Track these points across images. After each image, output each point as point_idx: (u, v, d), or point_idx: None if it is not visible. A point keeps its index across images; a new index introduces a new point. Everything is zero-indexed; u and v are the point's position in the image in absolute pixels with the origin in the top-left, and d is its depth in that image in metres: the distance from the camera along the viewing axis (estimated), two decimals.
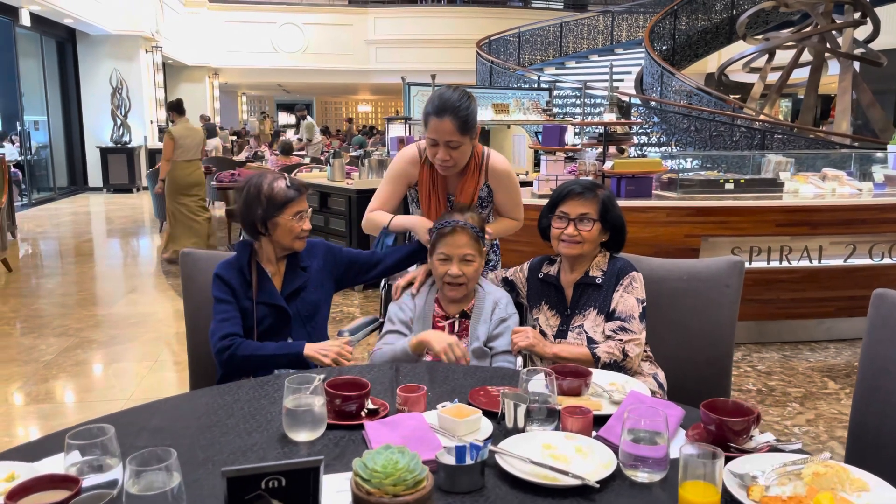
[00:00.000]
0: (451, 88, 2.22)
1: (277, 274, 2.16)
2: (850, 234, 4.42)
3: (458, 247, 2.06)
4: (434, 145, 2.20)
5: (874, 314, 1.70)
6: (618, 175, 4.40)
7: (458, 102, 2.15)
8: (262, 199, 2.08)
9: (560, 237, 2.06)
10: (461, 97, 2.17)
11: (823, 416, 3.40)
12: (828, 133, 9.89)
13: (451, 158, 2.21)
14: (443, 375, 1.75)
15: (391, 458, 1.01)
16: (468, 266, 2.06)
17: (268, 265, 2.16)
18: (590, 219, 2.04)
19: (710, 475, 1.13)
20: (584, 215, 2.05)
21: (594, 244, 2.07)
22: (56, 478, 1.10)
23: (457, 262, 2.05)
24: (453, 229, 2.08)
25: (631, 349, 1.92)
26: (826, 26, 9.81)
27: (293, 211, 2.09)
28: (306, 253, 2.20)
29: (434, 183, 2.33)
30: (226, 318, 2.04)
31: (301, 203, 2.12)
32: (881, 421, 1.65)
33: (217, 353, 2.02)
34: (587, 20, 15.60)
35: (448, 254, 2.06)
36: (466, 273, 2.05)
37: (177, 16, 16.31)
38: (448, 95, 2.17)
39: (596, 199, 2.07)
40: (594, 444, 1.34)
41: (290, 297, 2.14)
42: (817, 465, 1.21)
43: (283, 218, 2.09)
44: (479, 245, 2.09)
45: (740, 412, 1.36)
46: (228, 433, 1.42)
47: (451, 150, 2.19)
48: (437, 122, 2.16)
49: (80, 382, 3.85)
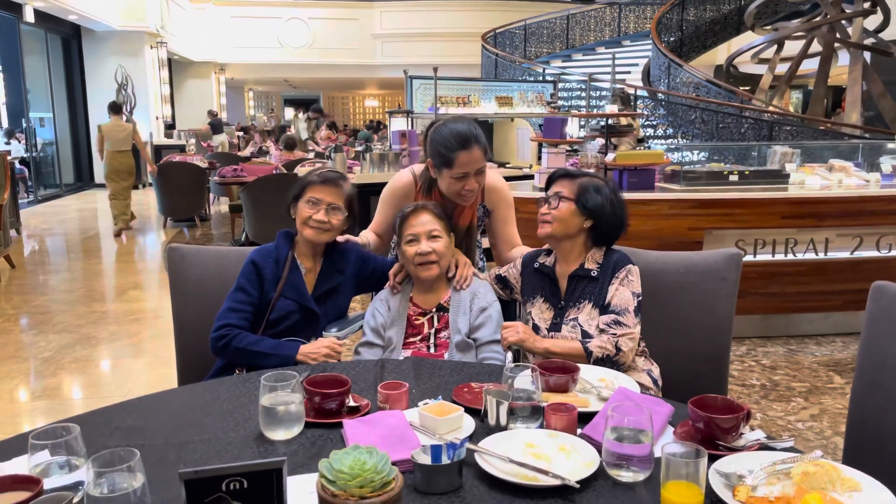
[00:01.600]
0: (454, 121, 2.21)
1: (312, 272, 2.14)
2: (857, 225, 4.35)
3: (422, 224, 2.07)
4: (462, 178, 2.18)
5: (873, 307, 1.65)
6: (620, 167, 4.34)
7: (475, 130, 2.18)
8: (297, 183, 2.16)
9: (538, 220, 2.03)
10: (470, 124, 2.20)
11: (828, 412, 3.34)
12: (836, 124, 9.77)
13: (479, 185, 2.23)
14: (428, 372, 1.71)
15: (358, 459, 0.98)
16: (436, 242, 2.05)
17: (304, 261, 2.13)
18: (562, 197, 2.01)
19: (693, 475, 1.09)
20: (556, 194, 2.02)
21: (565, 224, 2.00)
22: (18, 478, 1.08)
23: (424, 239, 2.05)
24: (414, 209, 2.11)
25: (624, 343, 1.87)
26: (836, 16, 9.68)
27: (309, 195, 2.09)
28: (343, 256, 2.18)
29: None
30: (236, 308, 2.01)
31: (321, 191, 2.10)
32: (881, 418, 1.60)
33: (213, 340, 1.99)
34: (594, 12, 15.48)
35: (415, 234, 2.06)
36: (436, 249, 2.04)
37: (183, 12, 16.32)
38: (463, 128, 2.17)
39: (575, 182, 2.05)
40: (578, 443, 1.30)
41: (322, 297, 2.12)
42: (807, 465, 1.16)
43: (301, 202, 2.10)
44: (443, 223, 2.10)
45: (729, 409, 1.32)
46: (204, 432, 1.39)
47: (479, 177, 2.21)
48: (467, 155, 2.15)
49: (76, 379, 3.83)
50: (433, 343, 2.06)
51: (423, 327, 2.07)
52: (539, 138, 5.17)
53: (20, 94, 11.64)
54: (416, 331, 2.07)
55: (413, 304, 2.11)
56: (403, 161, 5.85)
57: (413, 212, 2.10)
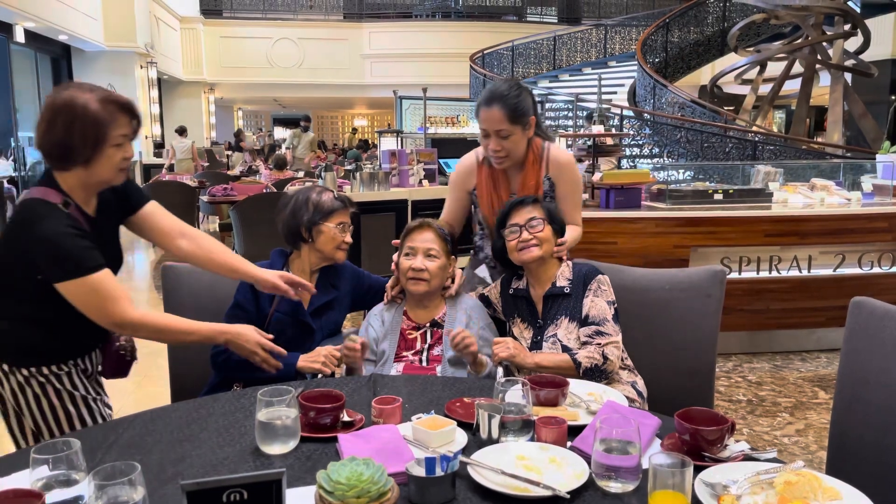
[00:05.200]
0: (503, 80, 2.26)
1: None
2: (839, 243, 4.43)
3: (422, 241, 2.10)
4: (486, 136, 2.23)
5: (852, 322, 1.70)
6: (607, 186, 4.41)
7: (507, 91, 2.19)
8: (310, 206, 2.16)
9: (517, 247, 2.08)
10: (511, 87, 2.22)
11: (813, 426, 3.39)
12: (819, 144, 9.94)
13: (502, 149, 2.24)
14: (420, 387, 1.75)
15: (355, 471, 1.01)
16: (431, 262, 2.08)
17: (300, 276, 2.16)
18: (538, 219, 2.08)
19: (679, 484, 1.13)
20: (532, 218, 2.08)
21: (550, 243, 2.08)
22: (20, 492, 1.10)
23: (421, 256, 2.08)
24: (420, 224, 2.14)
25: (610, 352, 1.93)
26: (817, 38, 9.87)
27: (337, 220, 2.15)
28: (338, 272, 2.23)
29: (495, 182, 2.35)
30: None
31: (345, 215, 2.18)
32: (861, 431, 1.64)
33: (213, 356, 2.04)
34: (580, 34, 15.68)
35: (413, 248, 2.10)
36: (429, 268, 2.07)
37: (172, 32, 16.39)
38: (498, 86, 2.22)
39: (538, 205, 2.12)
40: (568, 455, 1.33)
41: (317, 312, 2.16)
42: (789, 474, 1.20)
43: (327, 226, 2.14)
44: (444, 244, 2.13)
45: (714, 421, 1.36)
46: (200, 447, 1.41)
47: (501, 140, 2.22)
48: (486, 112, 2.20)
49: None
50: (426, 357, 2.09)
51: (415, 342, 2.11)
52: None
53: (9, 113, 11.63)
54: (409, 345, 2.11)
55: (407, 318, 2.14)
56: (393, 180, 5.90)
57: (418, 227, 2.14)
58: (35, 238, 1.66)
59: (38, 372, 1.76)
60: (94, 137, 1.69)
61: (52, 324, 1.76)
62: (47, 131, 1.69)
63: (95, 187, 1.80)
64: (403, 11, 18.90)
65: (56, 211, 1.69)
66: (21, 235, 1.70)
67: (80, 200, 1.76)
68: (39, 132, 1.70)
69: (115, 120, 1.72)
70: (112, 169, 1.75)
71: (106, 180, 1.78)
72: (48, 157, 1.72)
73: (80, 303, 1.69)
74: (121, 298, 1.71)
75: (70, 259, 1.66)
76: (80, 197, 1.77)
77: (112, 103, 1.72)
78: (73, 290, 1.67)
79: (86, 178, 1.75)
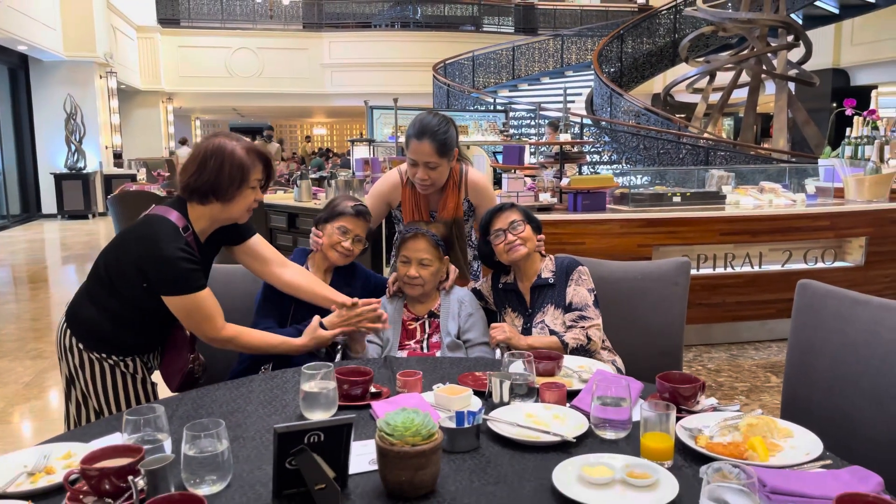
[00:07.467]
0: (431, 113, 2.47)
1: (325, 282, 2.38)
2: (787, 241, 4.81)
3: (416, 251, 2.32)
4: (414, 165, 2.46)
5: (799, 301, 1.99)
6: (574, 191, 4.70)
7: (437, 126, 2.42)
8: (330, 206, 2.40)
9: (505, 249, 2.33)
10: (440, 122, 2.43)
11: (767, 407, 3.72)
12: (766, 149, 10.47)
13: (429, 178, 2.48)
14: (431, 366, 1.98)
15: (409, 417, 1.24)
16: (425, 269, 2.31)
17: (318, 274, 2.38)
18: (518, 221, 2.33)
19: (664, 427, 1.38)
20: (513, 221, 2.33)
21: (533, 241, 2.34)
22: (120, 448, 1.30)
23: (415, 265, 2.31)
24: (414, 235, 2.35)
25: (593, 333, 2.20)
26: (762, 49, 10.44)
27: (340, 223, 2.34)
28: (351, 272, 2.44)
29: (416, 202, 2.58)
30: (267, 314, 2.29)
31: (350, 222, 2.35)
32: (809, 392, 1.93)
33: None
34: (538, 44, 16.13)
35: (408, 256, 2.32)
36: (423, 275, 2.30)
37: (130, 41, 16.29)
38: (428, 120, 2.43)
39: (515, 208, 2.38)
40: (569, 412, 1.58)
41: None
42: (750, 418, 1.47)
43: (331, 226, 2.34)
44: (437, 251, 2.35)
45: (688, 381, 1.63)
46: (250, 416, 1.62)
47: (429, 170, 2.46)
48: (416, 145, 2.42)
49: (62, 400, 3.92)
50: (426, 345, 2.32)
51: (416, 332, 2.34)
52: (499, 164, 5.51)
53: None
54: (410, 334, 2.34)
55: (407, 310, 2.37)
56: (366, 187, 6.11)
57: (413, 237, 2.34)
58: (154, 255, 1.91)
59: (107, 357, 2.03)
60: (239, 179, 1.97)
61: (131, 323, 2.02)
62: (198, 171, 1.96)
63: (222, 222, 2.07)
64: (363, 21, 19.08)
65: (177, 234, 1.95)
66: (141, 246, 1.94)
67: (199, 229, 2.04)
68: (189, 171, 1.98)
69: (255, 166, 2.01)
70: (244, 208, 2.04)
71: (235, 217, 2.07)
72: (193, 192, 1.98)
73: (182, 315, 1.98)
74: (215, 317, 1.99)
75: (180, 279, 1.92)
76: (202, 227, 2.04)
77: (253, 152, 2.02)
78: (178, 303, 1.95)
79: (219, 213, 2.03)
